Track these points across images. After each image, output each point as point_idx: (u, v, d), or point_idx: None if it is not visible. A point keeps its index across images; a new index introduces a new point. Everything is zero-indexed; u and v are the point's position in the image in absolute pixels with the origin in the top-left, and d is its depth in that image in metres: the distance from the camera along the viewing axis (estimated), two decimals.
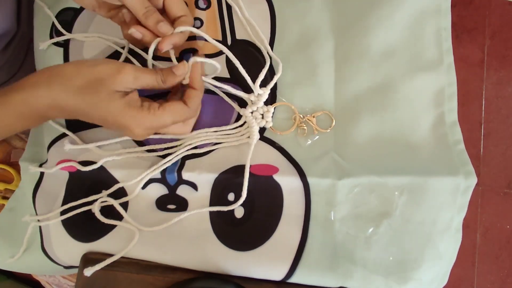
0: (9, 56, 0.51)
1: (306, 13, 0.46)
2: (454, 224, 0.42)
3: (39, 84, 0.36)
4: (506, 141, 0.64)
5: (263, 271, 0.42)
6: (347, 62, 0.45)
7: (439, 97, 0.44)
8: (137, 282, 0.42)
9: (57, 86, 0.36)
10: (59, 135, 0.47)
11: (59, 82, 0.36)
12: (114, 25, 0.47)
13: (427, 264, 0.42)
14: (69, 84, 0.36)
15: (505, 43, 0.63)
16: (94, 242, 0.44)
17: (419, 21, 0.45)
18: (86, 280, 0.42)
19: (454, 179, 0.41)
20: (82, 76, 0.37)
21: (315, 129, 0.44)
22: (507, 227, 0.66)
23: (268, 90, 0.44)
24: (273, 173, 0.42)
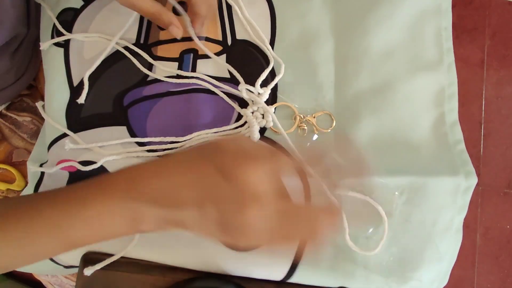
0: (18, 59, 0.51)
1: (306, 13, 0.46)
2: (455, 224, 0.42)
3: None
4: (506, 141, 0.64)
5: (263, 271, 0.42)
6: (347, 62, 0.45)
7: (440, 97, 0.44)
8: (137, 282, 0.42)
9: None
10: (59, 135, 0.47)
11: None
12: (114, 25, 0.47)
13: (428, 264, 0.42)
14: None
15: (505, 43, 0.63)
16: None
17: (419, 21, 0.45)
18: (86, 280, 0.43)
19: (455, 179, 0.41)
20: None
21: (316, 129, 0.44)
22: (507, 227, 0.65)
23: (268, 90, 0.44)
24: None
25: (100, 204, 0.30)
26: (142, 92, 0.46)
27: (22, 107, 0.56)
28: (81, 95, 0.45)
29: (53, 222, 0.30)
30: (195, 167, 0.29)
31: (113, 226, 0.30)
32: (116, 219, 0.30)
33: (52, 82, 0.48)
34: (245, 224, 0.27)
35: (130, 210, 0.30)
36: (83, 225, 0.30)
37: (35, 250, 0.31)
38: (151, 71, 0.46)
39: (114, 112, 0.46)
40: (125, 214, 0.30)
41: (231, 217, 0.28)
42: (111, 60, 0.47)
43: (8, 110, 0.55)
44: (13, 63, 0.50)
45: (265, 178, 0.28)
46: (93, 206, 0.30)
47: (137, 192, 0.30)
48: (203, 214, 0.28)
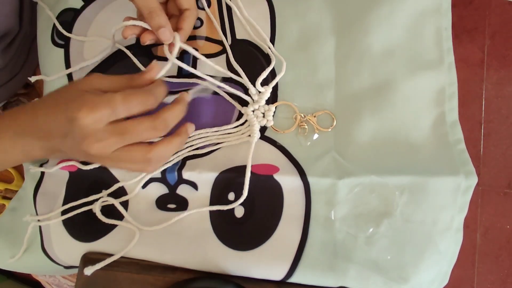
0: (11, 56, 0.51)
1: (306, 12, 0.46)
2: (455, 224, 0.42)
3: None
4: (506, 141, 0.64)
5: (263, 270, 0.42)
6: (347, 61, 0.45)
7: (440, 97, 0.44)
8: (137, 282, 0.42)
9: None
10: None
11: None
12: (113, 25, 0.47)
13: (428, 264, 0.42)
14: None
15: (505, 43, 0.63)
16: (95, 242, 0.44)
17: (419, 21, 0.45)
18: (86, 280, 0.42)
19: (455, 179, 0.41)
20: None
21: (316, 129, 0.44)
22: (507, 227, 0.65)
23: (270, 89, 0.44)
24: (274, 172, 0.42)
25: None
26: None
27: None
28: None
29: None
30: (54, 111, 0.36)
31: (12, 156, 0.38)
32: (11, 151, 0.38)
33: (53, 83, 0.48)
34: (92, 156, 0.35)
35: (19, 143, 0.37)
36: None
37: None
38: None
39: None
40: (17, 147, 0.38)
41: (80, 150, 0.35)
42: (111, 60, 0.47)
43: (4, 110, 0.55)
44: (5, 61, 0.50)
45: (98, 122, 0.34)
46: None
47: (19, 128, 0.37)
48: (67, 145, 0.36)
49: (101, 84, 0.37)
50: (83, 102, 0.34)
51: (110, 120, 0.34)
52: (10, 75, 0.51)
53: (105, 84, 0.37)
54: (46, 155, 0.39)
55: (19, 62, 0.53)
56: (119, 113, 0.34)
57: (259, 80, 0.43)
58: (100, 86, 0.36)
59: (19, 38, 0.51)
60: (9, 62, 0.51)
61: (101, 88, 0.36)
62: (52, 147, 0.37)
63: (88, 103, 0.34)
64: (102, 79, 0.37)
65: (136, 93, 0.36)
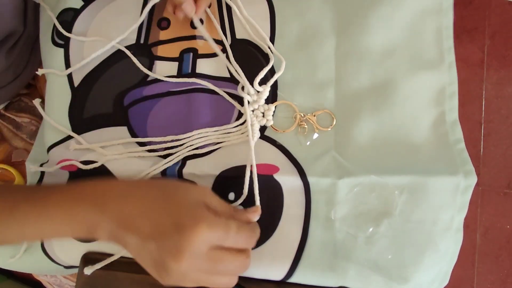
0: (15, 57, 0.51)
1: (306, 11, 0.46)
2: (455, 224, 0.42)
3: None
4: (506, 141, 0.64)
5: (263, 271, 0.42)
6: (347, 61, 0.45)
7: (440, 96, 0.44)
8: (137, 282, 0.42)
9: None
10: (61, 139, 0.47)
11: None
12: (114, 25, 0.47)
13: (428, 264, 0.42)
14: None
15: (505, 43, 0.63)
16: (95, 242, 0.44)
17: (420, 20, 0.45)
18: (86, 279, 0.43)
19: (454, 179, 0.41)
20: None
21: (316, 128, 0.44)
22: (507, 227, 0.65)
23: (268, 87, 0.44)
24: (274, 172, 0.42)
25: (67, 207, 0.35)
26: (142, 92, 0.46)
27: (21, 107, 0.55)
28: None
29: (24, 216, 0.35)
30: (155, 205, 0.34)
31: (71, 229, 0.35)
32: (75, 223, 0.35)
33: (53, 83, 0.48)
34: (173, 272, 0.32)
35: (89, 219, 0.34)
36: (47, 223, 0.35)
37: (9, 236, 0.37)
38: (151, 71, 0.46)
39: (115, 113, 0.46)
40: (85, 221, 0.35)
41: (164, 261, 0.32)
42: (111, 60, 0.47)
43: (6, 110, 0.55)
44: (10, 61, 0.50)
45: (207, 242, 0.32)
46: (60, 209, 0.35)
47: (100, 206, 0.34)
48: (144, 246, 0.33)
49: (211, 201, 0.36)
50: (203, 217, 0.32)
51: (218, 244, 0.33)
52: (13, 75, 0.52)
53: (214, 203, 0.36)
54: (107, 239, 0.35)
55: (22, 62, 0.53)
56: (228, 241, 0.33)
57: (257, 80, 0.43)
58: (210, 203, 0.36)
59: (23, 39, 0.51)
60: (13, 63, 0.51)
61: (210, 205, 0.35)
62: (121, 237, 0.34)
63: (208, 220, 0.32)
64: (213, 197, 0.36)
65: (247, 228, 0.35)
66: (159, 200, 0.35)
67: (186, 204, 0.34)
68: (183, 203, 0.34)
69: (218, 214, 0.34)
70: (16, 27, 0.49)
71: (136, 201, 0.34)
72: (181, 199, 0.34)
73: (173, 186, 0.36)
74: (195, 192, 0.36)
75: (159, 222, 0.33)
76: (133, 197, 0.35)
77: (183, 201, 0.34)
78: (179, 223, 0.32)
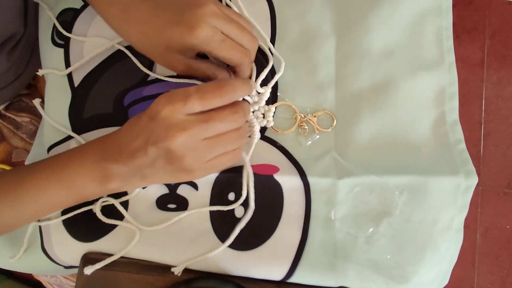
0: (16, 58, 0.51)
1: (306, 12, 0.46)
2: (455, 224, 0.42)
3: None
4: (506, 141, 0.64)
5: (263, 271, 0.42)
6: (347, 61, 0.45)
7: (440, 97, 0.44)
8: (137, 282, 0.42)
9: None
10: (61, 139, 0.47)
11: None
12: None
13: (428, 264, 0.42)
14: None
15: (505, 43, 0.64)
16: (95, 242, 0.44)
17: (419, 21, 0.45)
18: (86, 280, 0.42)
19: (455, 179, 0.41)
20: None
21: (316, 129, 0.44)
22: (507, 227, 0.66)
23: (269, 89, 0.44)
24: (274, 172, 0.42)
25: (75, 165, 0.37)
26: (143, 92, 0.46)
27: (21, 107, 0.56)
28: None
29: (35, 186, 0.37)
30: (134, 123, 0.36)
31: (87, 185, 0.37)
32: (88, 178, 0.36)
33: (53, 83, 0.48)
34: (174, 153, 0.34)
35: (99, 169, 0.36)
36: (60, 187, 0.37)
37: (21, 214, 0.38)
38: (151, 70, 0.46)
39: (115, 113, 0.46)
40: (96, 173, 0.36)
41: (167, 151, 0.34)
42: (111, 60, 0.47)
43: (7, 110, 0.55)
44: (11, 62, 0.50)
45: (179, 111, 0.34)
46: (69, 168, 0.37)
47: (103, 153, 0.36)
48: (150, 157, 0.34)
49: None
50: (161, 97, 0.34)
51: (189, 110, 0.34)
52: (14, 76, 0.52)
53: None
54: (123, 183, 0.37)
55: (23, 63, 0.53)
56: (194, 101, 0.34)
57: (258, 81, 0.43)
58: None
59: (24, 40, 0.51)
60: (14, 64, 0.51)
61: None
62: (132, 170, 0.36)
63: (166, 95, 0.34)
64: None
65: (210, 83, 0.36)
66: (135, 117, 0.37)
67: (149, 107, 0.35)
68: (148, 109, 0.35)
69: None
70: (17, 28, 0.49)
71: (123, 133, 0.36)
72: (147, 111, 0.35)
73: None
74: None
75: (141, 130, 0.35)
76: (120, 132, 0.37)
77: (148, 109, 0.35)
78: (149, 114, 0.34)
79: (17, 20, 0.49)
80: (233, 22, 0.38)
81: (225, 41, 0.37)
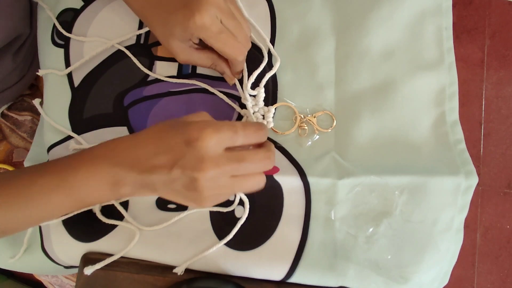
0: (21, 59, 0.51)
1: (306, 13, 0.46)
2: (455, 224, 0.42)
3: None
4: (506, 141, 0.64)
5: (263, 271, 0.42)
6: (347, 62, 0.45)
7: (440, 97, 0.44)
8: (137, 282, 0.42)
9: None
10: (61, 139, 0.47)
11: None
12: (114, 25, 0.47)
13: (428, 264, 0.42)
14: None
15: (505, 43, 0.64)
16: (95, 242, 0.44)
17: (419, 21, 0.45)
18: (86, 280, 0.43)
19: (455, 179, 0.41)
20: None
21: (316, 129, 0.44)
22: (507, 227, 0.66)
23: (261, 89, 0.44)
24: (274, 172, 0.42)
25: (86, 170, 0.35)
26: (143, 92, 0.46)
27: (23, 106, 0.56)
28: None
29: (44, 190, 0.35)
30: (164, 137, 0.34)
31: (97, 191, 0.35)
32: (99, 183, 0.35)
33: (53, 83, 0.48)
34: (203, 185, 0.33)
35: (111, 175, 0.34)
36: (71, 191, 0.35)
37: (28, 217, 0.36)
38: (151, 71, 0.46)
39: (115, 113, 0.46)
40: (108, 179, 0.34)
41: (192, 179, 0.32)
42: (111, 60, 0.47)
43: (9, 110, 0.55)
44: (16, 63, 0.50)
45: (218, 144, 0.33)
46: (80, 173, 0.35)
47: (117, 158, 0.34)
48: (171, 178, 0.33)
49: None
50: (206, 124, 0.33)
51: (229, 144, 0.33)
52: (19, 76, 0.52)
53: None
54: (133, 191, 0.35)
55: (27, 63, 0.53)
56: (238, 137, 0.34)
57: (248, 83, 0.43)
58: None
59: (29, 41, 0.51)
60: (19, 64, 0.51)
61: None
62: (146, 182, 0.34)
63: (212, 124, 0.33)
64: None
65: (252, 123, 0.36)
66: (163, 129, 0.35)
67: (185, 123, 0.34)
68: (186, 120, 0.34)
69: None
70: (23, 29, 0.49)
71: (145, 142, 0.34)
72: (177, 123, 0.34)
73: (169, 121, 0.36)
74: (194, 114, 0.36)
75: (171, 148, 0.33)
76: (140, 140, 0.35)
77: (185, 119, 0.35)
78: (188, 137, 0.32)
79: (23, 21, 0.49)
80: (234, 17, 0.39)
81: (222, 34, 0.38)
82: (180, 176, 0.33)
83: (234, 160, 0.33)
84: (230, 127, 0.33)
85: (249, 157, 0.34)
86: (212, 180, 0.33)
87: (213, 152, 0.32)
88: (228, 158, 0.33)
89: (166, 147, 0.33)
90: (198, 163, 0.32)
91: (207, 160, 0.32)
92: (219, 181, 0.33)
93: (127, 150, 0.35)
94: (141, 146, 0.34)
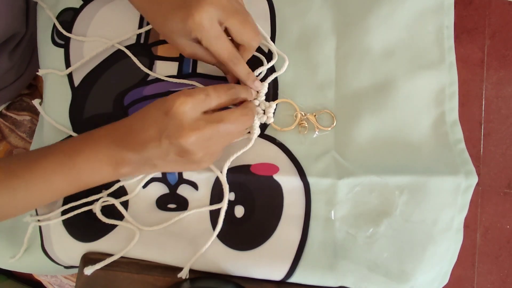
0: (18, 57, 0.51)
1: (306, 12, 0.46)
2: (455, 224, 0.42)
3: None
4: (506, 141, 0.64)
5: (263, 271, 0.42)
6: (348, 61, 0.45)
7: (440, 96, 0.44)
8: (137, 282, 0.42)
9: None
10: (61, 139, 0.47)
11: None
12: (113, 25, 0.47)
13: (428, 264, 0.42)
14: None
15: (505, 43, 0.64)
16: (95, 242, 0.44)
17: (420, 19, 0.45)
18: (86, 280, 0.43)
19: (455, 179, 0.41)
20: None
21: (316, 127, 0.44)
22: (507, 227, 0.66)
23: (266, 85, 0.44)
24: (274, 173, 0.42)
25: (88, 151, 0.37)
26: (143, 92, 0.46)
27: (22, 106, 0.56)
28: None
29: (48, 171, 0.36)
30: (148, 114, 0.36)
31: (99, 171, 0.37)
32: (101, 163, 0.37)
33: (53, 83, 0.48)
34: (191, 149, 0.35)
35: (113, 155, 0.37)
36: (73, 171, 0.37)
37: (29, 198, 0.37)
38: (151, 70, 0.46)
39: (115, 112, 0.46)
40: (109, 158, 0.37)
41: (179, 146, 0.35)
42: (111, 60, 0.47)
43: (8, 110, 0.55)
44: (13, 62, 0.50)
45: (193, 108, 0.35)
46: (83, 153, 0.37)
47: (116, 139, 0.37)
48: (163, 150, 0.35)
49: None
50: (179, 93, 0.35)
51: (205, 107, 0.36)
52: (16, 76, 0.52)
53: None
54: (134, 170, 0.38)
55: (24, 63, 0.53)
56: (212, 99, 0.36)
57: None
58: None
59: (25, 40, 0.51)
60: (16, 63, 0.51)
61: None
62: (144, 159, 0.36)
63: (184, 92, 0.35)
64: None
65: (222, 84, 0.38)
66: (148, 107, 0.37)
67: (164, 99, 0.36)
68: (162, 100, 0.36)
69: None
70: (19, 28, 0.49)
71: (135, 121, 0.37)
72: (159, 102, 0.36)
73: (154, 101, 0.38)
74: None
75: (155, 122, 0.35)
76: (132, 120, 0.37)
77: (162, 100, 0.36)
78: (165, 108, 0.35)
79: (19, 20, 0.49)
80: (238, 15, 0.38)
81: (219, 39, 0.38)
82: (169, 146, 0.35)
83: (213, 121, 0.35)
84: (202, 90, 0.36)
85: (226, 116, 0.36)
86: (198, 142, 0.35)
87: (190, 117, 0.35)
88: (207, 120, 0.35)
89: (151, 122, 0.36)
90: (179, 130, 0.34)
91: (186, 126, 0.34)
92: (204, 143, 0.35)
93: (123, 130, 0.37)
94: (133, 126, 0.37)
